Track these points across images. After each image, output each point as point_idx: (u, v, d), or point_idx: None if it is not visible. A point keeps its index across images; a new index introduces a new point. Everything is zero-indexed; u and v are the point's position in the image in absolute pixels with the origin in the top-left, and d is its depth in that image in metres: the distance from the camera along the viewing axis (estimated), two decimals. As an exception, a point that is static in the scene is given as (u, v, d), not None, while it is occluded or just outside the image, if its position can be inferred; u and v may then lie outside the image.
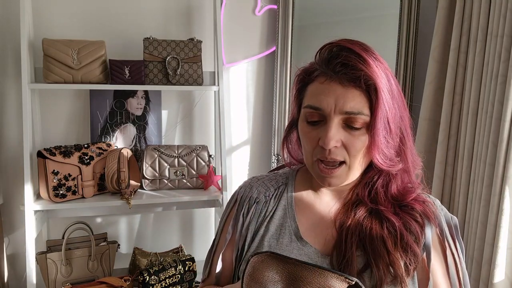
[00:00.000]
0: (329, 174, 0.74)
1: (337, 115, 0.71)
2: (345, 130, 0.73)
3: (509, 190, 1.34)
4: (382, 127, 0.72)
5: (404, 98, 0.78)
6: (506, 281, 1.37)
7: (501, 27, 1.40)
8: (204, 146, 1.84)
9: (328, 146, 0.71)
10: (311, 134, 0.75)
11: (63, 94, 1.83)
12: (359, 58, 0.71)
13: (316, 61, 0.77)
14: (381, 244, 0.73)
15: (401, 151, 0.78)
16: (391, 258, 0.72)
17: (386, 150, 0.74)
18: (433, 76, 1.72)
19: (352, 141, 0.72)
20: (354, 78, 0.70)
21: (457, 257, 0.79)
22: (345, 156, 0.73)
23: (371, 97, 0.71)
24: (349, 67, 0.70)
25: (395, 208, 0.78)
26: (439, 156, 1.68)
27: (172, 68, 1.73)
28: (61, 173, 1.61)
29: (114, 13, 1.83)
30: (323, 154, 0.73)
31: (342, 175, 0.75)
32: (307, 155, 0.77)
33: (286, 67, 1.94)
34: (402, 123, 0.77)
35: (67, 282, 1.67)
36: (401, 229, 0.74)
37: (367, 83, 0.70)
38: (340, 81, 0.71)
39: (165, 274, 1.71)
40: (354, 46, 0.72)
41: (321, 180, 0.77)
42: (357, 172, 0.77)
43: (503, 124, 1.35)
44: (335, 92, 0.71)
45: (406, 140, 0.78)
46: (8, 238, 1.86)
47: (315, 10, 1.96)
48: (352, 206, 0.79)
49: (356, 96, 0.71)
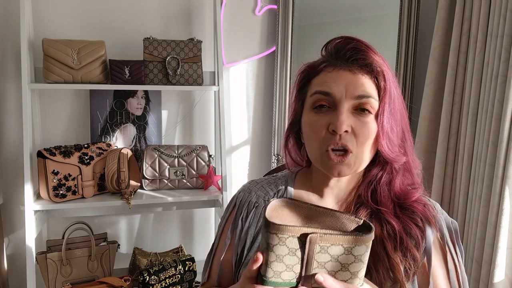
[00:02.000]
0: (340, 161, 0.72)
1: (348, 100, 0.72)
2: (355, 116, 0.73)
3: (509, 190, 1.34)
4: (389, 114, 0.74)
5: (403, 100, 0.80)
6: (506, 281, 1.37)
7: (501, 27, 1.40)
8: (204, 146, 1.84)
9: (340, 130, 0.70)
10: (319, 122, 0.74)
11: (63, 94, 1.83)
12: (368, 48, 0.74)
13: (322, 54, 0.79)
14: (381, 248, 0.73)
15: (404, 145, 0.79)
16: (391, 262, 0.72)
17: (392, 137, 0.75)
18: (433, 76, 1.72)
19: (362, 128, 0.72)
20: (364, 64, 0.73)
21: (457, 262, 0.79)
22: (354, 144, 0.72)
23: (379, 84, 0.73)
24: (360, 53, 0.73)
25: (396, 209, 0.78)
26: (439, 156, 1.68)
27: (172, 68, 1.73)
28: (61, 173, 1.61)
29: (114, 13, 1.83)
30: (334, 141, 0.72)
31: (351, 164, 0.74)
32: (314, 147, 0.75)
33: (286, 67, 1.94)
34: (403, 120, 0.78)
35: (67, 282, 1.67)
36: (401, 233, 0.74)
37: (376, 69, 0.73)
38: (349, 68, 0.73)
39: (165, 274, 1.71)
40: (355, 37, 0.75)
41: (330, 169, 0.74)
42: (364, 163, 0.76)
43: (503, 124, 1.35)
44: (345, 79, 0.73)
45: (407, 137, 0.79)
46: (8, 238, 1.86)
47: (315, 10, 1.96)
48: (353, 208, 0.79)
49: (365, 82, 0.73)
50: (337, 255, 0.58)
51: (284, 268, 0.58)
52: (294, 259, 0.57)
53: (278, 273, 0.58)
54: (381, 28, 1.99)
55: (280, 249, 0.57)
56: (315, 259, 0.58)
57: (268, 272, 0.58)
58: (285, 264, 0.58)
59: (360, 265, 0.59)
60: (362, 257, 0.58)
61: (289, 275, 0.58)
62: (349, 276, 0.59)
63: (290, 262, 0.58)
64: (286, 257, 0.57)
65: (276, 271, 0.58)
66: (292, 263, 0.58)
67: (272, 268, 0.58)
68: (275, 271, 0.58)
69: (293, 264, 0.58)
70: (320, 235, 0.56)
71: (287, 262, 0.58)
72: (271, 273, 0.58)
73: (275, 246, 0.57)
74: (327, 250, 0.57)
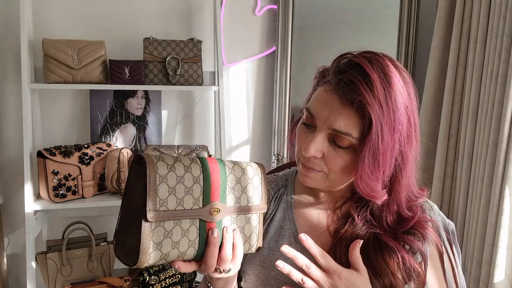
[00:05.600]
0: (306, 173, 0.75)
1: (325, 128, 0.71)
2: (330, 144, 0.71)
3: (509, 190, 1.34)
4: (369, 159, 0.68)
5: (415, 127, 0.73)
6: (506, 281, 1.37)
7: (501, 27, 1.40)
8: (204, 146, 1.84)
9: (306, 154, 0.71)
10: (303, 135, 0.75)
11: (63, 94, 1.83)
12: (365, 79, 0.66)
13: (330, 68, 0.74)
14: (385, 268, 0.72)
15: (392, 183, 0.74)
16: (397, 282, 0.71)
17: (369, 182, 0.70)
18: (433, 76, 1.72)
19: (333, 157, 0.71)
20: (352, 100, 0.67)
21: (454, 262, 0.79)
22: (323, 168, 0.73)
23: (365, 126, 0.68)
24: (351, 87, 0.67)
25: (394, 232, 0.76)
26: (439, 156, 1.68)
27: (172, 68, 1.73)
28: (61, 173, 1.61)
29: (114, 13, 1.83)
30: (304, 158, 0.74)
31: (319, 180, 0.75)
32: (296, 152, 0.78)
33: (286, 67, 1.94)
34: (400, 155, 0.71)
35: (67, 282, 1.67)
36: (401, 252, 0.72)
37: (363, 109, 0.67)
38: (340, 96, 0.69)
39: (165, 274, 1.71)
40: (368, 65, 0.67)
41: (300, 176, 0.78)
42: (338, 185, 0.76)
43: (503, 124, 1.35)
44: (332, 106, 0.70)
45: (403, 172, 0.73)
46: (8, 238, 1.86)
47: (315, 10, 1.96)
48: (346, 218, 0.79)
49: (350, 117, 0.68)
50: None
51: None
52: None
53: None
54: (381, 28, 1.99)
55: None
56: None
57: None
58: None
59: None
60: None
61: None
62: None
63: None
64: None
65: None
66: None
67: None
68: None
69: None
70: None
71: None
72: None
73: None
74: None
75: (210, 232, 0.63)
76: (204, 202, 0.62)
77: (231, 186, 0.66)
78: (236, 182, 0.67)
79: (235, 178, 0.67)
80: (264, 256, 0.81)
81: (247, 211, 0.69)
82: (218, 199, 0.64)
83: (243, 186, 0.68)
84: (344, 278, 0.68)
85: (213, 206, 0.63)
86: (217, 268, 0.65)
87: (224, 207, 0.65)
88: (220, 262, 0.64)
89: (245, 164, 0.69)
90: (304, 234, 0.70)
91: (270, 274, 0.80)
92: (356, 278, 0.69)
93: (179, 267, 0.63)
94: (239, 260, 0.67)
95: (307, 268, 0.68)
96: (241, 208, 0.68)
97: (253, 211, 0.70)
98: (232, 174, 0.66)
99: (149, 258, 0.58)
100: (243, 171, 0.68)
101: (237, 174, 0.67)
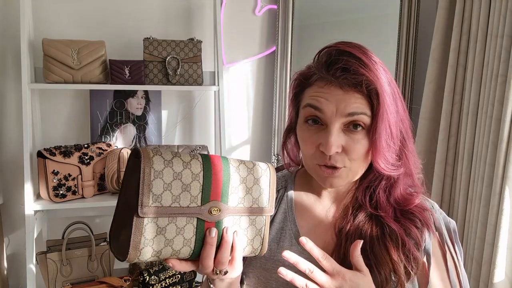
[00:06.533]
0: (331, 174, 0.73)
1: (338, 118, 0.70)
2: (346, 134, 0.72)
3: (509, 190, 1.34)
4: (384, 132, 0.71)
5: (403, 100, 0.77)
6: (506, 281, 1.37)
7: (501, 27, 1.40)
8: (204, 146, 1.84)
9: (329, 152, 0.70)
10: (311, 139, 0.74)
11: (63, 94, 1.83)
12: (360, 62, 0.69)
13: (314, 66, 0.74)
14: (384, 252, 0.73)
15: (402, 155, 0.76)
16: (395, 266, 0.72)
17: (388, 155, 0.73)
18: (433, 76, 1.72)
19: (353, 146, 0.72)
20: (355, 83, 0.69)
21: (456, 260, 0.79)
22: (345, 161, 0.73)
23: (372, 101, 0.70)
24: (350, 72, 0.69)
25: (395, 213, 0.77)
26: (439, 156, 1.68)
27: (172, 68, 1.73)
28: (61, 173, 1.61)
29: (114, 13, 1.83)
30: (324, 159, 0.72)
31: (343, 176, 0.74)
32: (306, 159, 0.76)
33: (286, 67, 1.94)
34: (403, 126, 0.75)
35: (67, 282, 1.67)
36: (402, 236, 0.74)
37: (368, 87, 0.69)
38: (340, 85, 0.70)
39: (165, 274, 1.71)
40: (353, 49, 0.70)
41: (323, 181, 0.76)
42: (358, 175, 0.76)
43: (503, 124, 1.35)
44: (335, 97, 0.70)
45: (408, 143, 0.77)
46: (8, 238, 1.86)
47: (315, 10, 1.96)
48: (352, 210, 0.79)
49: (358, 98, 0.70)
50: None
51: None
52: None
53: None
54: (381, 28, 1.99)
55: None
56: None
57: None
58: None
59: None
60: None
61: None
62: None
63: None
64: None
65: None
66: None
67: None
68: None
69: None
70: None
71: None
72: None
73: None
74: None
75: (207, 232, 0.62)
76: (203, 200, 0.61)
77: (234, 185, 0.64)
78: (241, 181, 0.65)
79: (240, 177, 0.65)
80: (265, 258, 0.81)
81: (252, 212, 0.67)
82: (219, 198, 0.62)
83: (248, 186, 0.66)
84: (349, 279, 0.68)
85: (213, 205, 0.62)
86: (214, 269, 0.64)
87: (226, 207, 0.63)
88: (216, 264, 0.63)
89: (252, 164, 0.68)
90: (305, 237, 0.68)
91: (271, 276, 0.79)
92: (359, 279, 0.69)
93: (173, 265, 0.62)
94: (237, 263, 0.67)
95: (310, 272, 0.67)
96: (245, 209, 0.66)
97: (258, 213, 0.68)
98: (237, 173, 0.65)
99: (140, 254, 0.57)
100: (249, 170, 0.67)
101: (242, 174, 0.65)
